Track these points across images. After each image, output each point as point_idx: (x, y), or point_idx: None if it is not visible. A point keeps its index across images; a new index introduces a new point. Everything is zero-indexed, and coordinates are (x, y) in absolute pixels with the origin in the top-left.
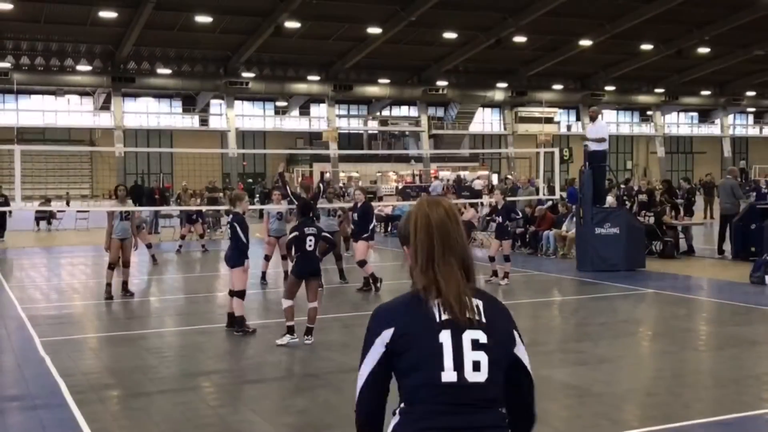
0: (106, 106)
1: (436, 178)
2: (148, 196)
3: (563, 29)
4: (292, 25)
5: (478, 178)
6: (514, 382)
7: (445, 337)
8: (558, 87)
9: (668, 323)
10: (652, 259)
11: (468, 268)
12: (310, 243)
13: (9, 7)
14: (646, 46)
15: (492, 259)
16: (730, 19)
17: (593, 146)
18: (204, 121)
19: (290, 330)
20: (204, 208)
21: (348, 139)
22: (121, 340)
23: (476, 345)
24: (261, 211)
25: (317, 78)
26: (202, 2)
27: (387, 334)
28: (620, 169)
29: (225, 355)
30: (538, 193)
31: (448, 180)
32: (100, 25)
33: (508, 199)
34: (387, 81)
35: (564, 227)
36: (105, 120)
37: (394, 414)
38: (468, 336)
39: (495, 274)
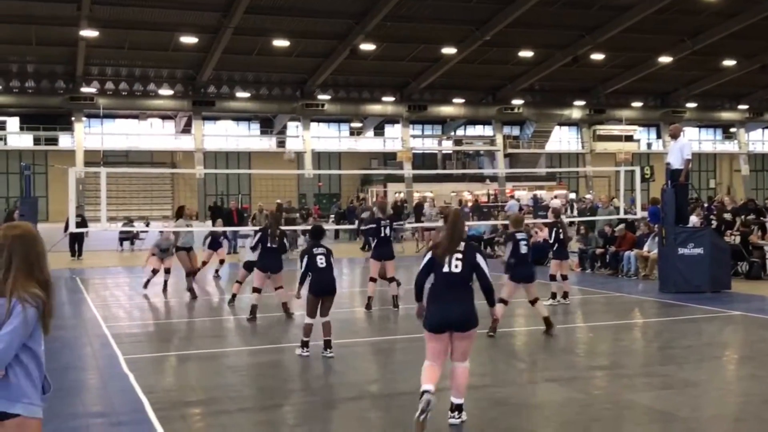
0: (187, 129)
1: (512, 197)
2: (226, 217)
3: (642, 46)
4: (367, 47)
5: (555, 197)
6: (478, 273)
7: (446, 258)
8: (637, 104)
9: (756, 346)
10: (738, 281)
11: (460, 238)
12: (321, 261)
13: (95, 34)
14: (729, 62)
15: (552, 278)
16: None
17: (675, 164)
18: (281, 143)
19: (304, 344)
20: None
21: (422, 159)
22: (202, 357)
23: (457, 258)
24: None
25: (392, 99)
26: (280, 26)
27: (428, 257)
28: (703, 188)
29: (302, 374)
30: (618, 213)
31: (519, 200)
32: (181, 51)
33: (587, 218)
34: (461, 101)
35: (646, 247)
36: (186, 142)
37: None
38: (453, 256)
39: (554, 296)
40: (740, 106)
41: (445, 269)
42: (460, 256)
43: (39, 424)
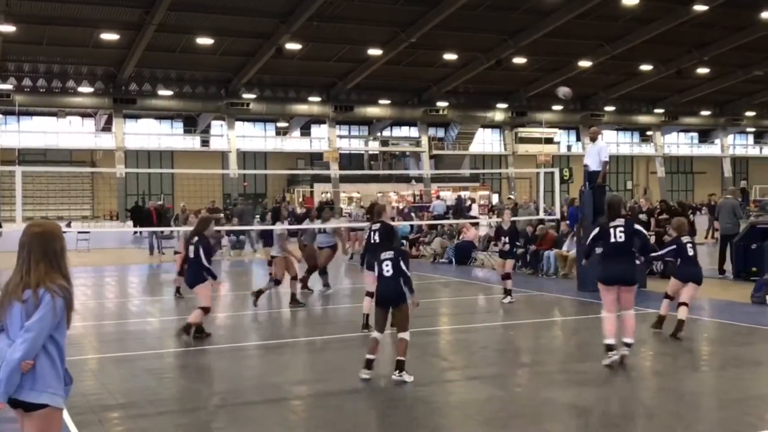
0: (107, 128)
1: (438, 198)
2: (145, 218)
3: (563, 50)
4: (292, 46)
5: (473, 201)
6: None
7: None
8: (558, 108)
9: (670, 343)
10: (653, 279)
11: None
12: (387, 268)
13: (12, 29)
14: (646, 67)
15: (505, 277)
16: (729, 40)
17: (593, 166)
18: (205, 142)
19: (367, 364)
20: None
21: (349, 160)
22: (121, 360)
23: (619, 231)
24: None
25: (318, 99)
26: (204, 24)
27: (597, 229)
28: (621, 189)
29: (226, 376)
30: (537, 213)
31: (444, 200)
32: (102, 47)
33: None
34: (388, 102)
35: (565, 247)
36: (106, 141)
37: None
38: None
39: (509, 293)
40: (656, 110)
41: (612, 239)
42: (622, 228)
43: (62, 415)
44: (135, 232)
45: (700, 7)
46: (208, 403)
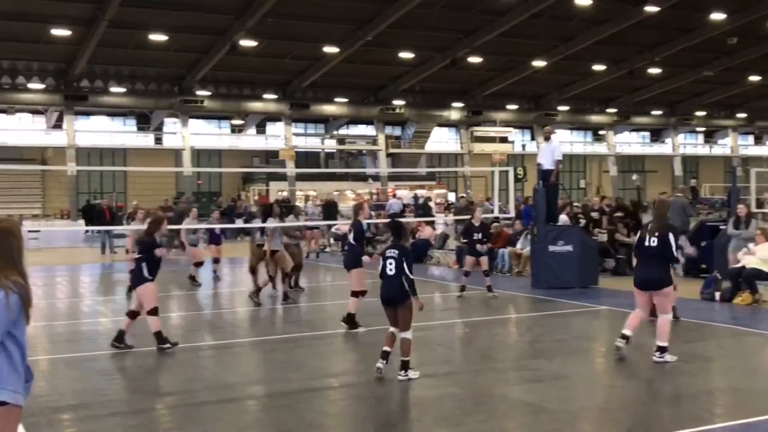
0: (58, 125)
1: (394, 196)
2: (98, 216)
3: (517, 50)
4: (247, 43)
5: (430, 199)
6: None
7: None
8: (512, 107)
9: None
10: (605, 277)
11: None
12: (390, 268)
13: None
14: (599, 67)
15: (467, 274)
16: (679, 41)
17: (546, 165)
18: (158, 140)
19: (383, 355)
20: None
21: (305, 158)
22: (71, 362)
23: (391, 253)
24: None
25: (274, 96)
26: (157, 20)
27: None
28: (574, 188)
29: (177, 377)
30: (492, 212)
31: (401, 198)
32: (52, 43)
33: (464, 217)
34: (344, 100)
35: (519, 245)
36: (57, 139)
37: None
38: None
39: (489, 289)
40: (609, 110)
41: (646, 243)
42: (656, 234)
43: (20, 412)
44: (86, 231)
45: (651, 8)
46: (161, 403)
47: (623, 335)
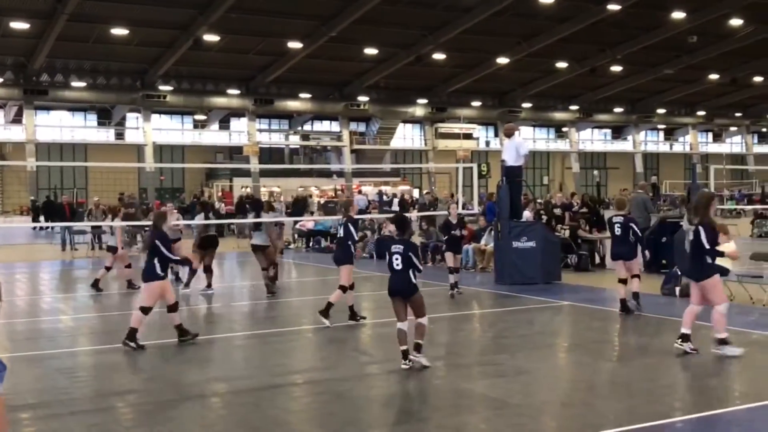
0: (17, 120)
1: (359, 192)
2: (58, 212)
3: (481, 47)
4: (210, 38)
5: (395, 195)
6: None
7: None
8: (476, 104)
9: (583, 335)
10: (567, 272)
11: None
12: (397, 262)
13: None
14: (561, 64)
15: (452, 270)
16: (640, 39)
17: (510, 161)
18: (120, 135)
19: (403, 354)
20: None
21: (269, 154)
22: (30, 360)
23: (397, 248)
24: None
25: (237, 92)
26: (118, 14)
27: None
28: (537, 185)
29: (140, 374)
30: (458, 208)
31: (366, 195)
32: (11, 36)
33: (428, 213)
34: (308, 96)
35: (483, 241)
36: (16, 133)
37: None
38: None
39: (454, 286)
40: (572, 107)
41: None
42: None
43: (3, 400)
44: (45, 227)
45: (613, 7)
46: (123, 402)
47: (681, 334)
